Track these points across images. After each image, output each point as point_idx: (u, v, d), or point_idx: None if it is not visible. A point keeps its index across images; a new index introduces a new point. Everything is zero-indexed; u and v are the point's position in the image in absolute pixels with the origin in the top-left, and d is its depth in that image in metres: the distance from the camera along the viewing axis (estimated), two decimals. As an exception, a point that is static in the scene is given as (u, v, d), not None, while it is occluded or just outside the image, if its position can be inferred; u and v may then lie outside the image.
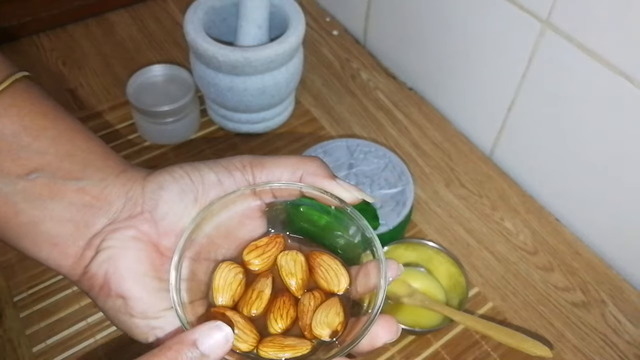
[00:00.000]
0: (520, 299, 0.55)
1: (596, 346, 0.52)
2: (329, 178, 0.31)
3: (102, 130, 0.66)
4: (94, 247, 0.29)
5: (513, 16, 0.56)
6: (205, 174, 0.31)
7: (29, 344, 0.50)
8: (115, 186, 0.30)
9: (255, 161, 0.32)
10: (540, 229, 0.60)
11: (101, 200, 0.30)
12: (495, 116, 0.64)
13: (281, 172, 0.31)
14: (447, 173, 0.65)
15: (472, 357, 0.51)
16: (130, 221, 0.29)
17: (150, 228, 0.29)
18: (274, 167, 0.31)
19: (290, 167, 0.31)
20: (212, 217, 0.30)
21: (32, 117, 0.30)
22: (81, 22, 0.80)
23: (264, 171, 0.31)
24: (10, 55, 0.81)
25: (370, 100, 0.72)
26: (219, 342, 0.25)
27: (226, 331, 0.25)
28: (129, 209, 0.30)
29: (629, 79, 0.49)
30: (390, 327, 0.28)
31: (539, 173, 0.63)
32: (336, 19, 0.84)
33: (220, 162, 0.31)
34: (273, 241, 0.32)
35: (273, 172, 0.31)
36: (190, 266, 0.29)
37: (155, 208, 0.29)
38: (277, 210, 0.32)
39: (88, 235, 0.29)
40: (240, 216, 0.32)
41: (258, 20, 0.60)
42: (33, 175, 0.29)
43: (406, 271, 0.54)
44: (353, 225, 0.31)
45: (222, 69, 0.58)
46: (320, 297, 0.30)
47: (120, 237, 0.29)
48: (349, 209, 0.30)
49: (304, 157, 0.32)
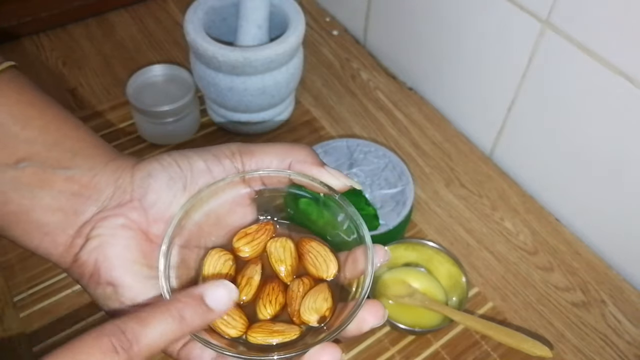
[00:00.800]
0: (520, 299, 0.55)
1: (596, 346, 0.52)
2: (318, 165, 0.31)
3: (102, 130, 0.66)
4: (83, 235, 0.29)
5: (513, 16, 0.56)
6: (194, 162, 0.31)
7: (29, 344, 0.50)
8: (104, 174, 0.30)
9: (245, 149, 0.32)
10: (540, 229, 0.60)
11: (90, 189, 0.30)
12: (495, 116, 0.64)
13: (270, 159, 0.31)
14: (447, 173, 0.65)
15: (472, 357, 0.51)
16: (119, 209, 0.29)
17: (139, 216, 0.29)
18: (263, 154, 0.31)
19: (279, 155, 0.31)
20: (201, 205, 0.30)
21: (20, 107, 0.30)
22: (81, 22, 0.80)
23: (253, 159, 0.31)
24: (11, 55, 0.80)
25: (370, 100, 0.72)
26: (223, 297, 0.26)
27: (230, 287, 0.26)
28: (118, 197, 0.30)
29: (629, 79, 0.49)
30: (377, 311, 0.28)
31: (539, 173, 0.63)
32: (336, 19, 0.84)
33: (210, 150, 0.32)
34: (263, 228, 0.32)
35: (262, 159, 0.31)
36: (179, 253, 0.30)
37: (144, 196, 0.30)
38: (267, 197, 0.33)
39: (78, 223, 0.29)
40: (229, 203, 0.32)
41: (258, 20, 0.60)
42: (22, 165, 0.29)
43: (406, 271, 0.54)
44: (342, 212, 0.31)
45: (222, 69, 0.58)
46: (309, 283, 0.30)
47: (110, 225, 0.29)
48: (337, 195, 0.31)
49: (293, 145, 0.32)
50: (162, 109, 0.61)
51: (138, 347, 0.23)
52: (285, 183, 0.32)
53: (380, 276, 0.53)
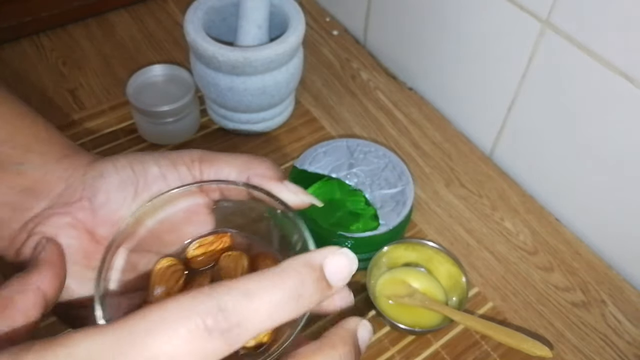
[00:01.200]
0: (520, 299, 0.55)
1: (596, 346, 0.52)
2: (277, 180, 0.30)
3: (102, 130, 0.66)
4: (27, 230, 0.29)
5: (513, 16, 0.56)
6: (149, 167, 0.30)
7: (29, 344, 0.50)
8: (56, 171, 0.30)
9: (205, 157, 0.31)
10: (540, 229, 0.60)
11: (41, 185, 0.29)
12: (495, 116, 0.64)
13: (229, 170, 0.31)
14: (447, 173, 0.65)
15: (472, 357, 0.51)
16: (67, 207, 0.29)
17: (86, 216, 0.29)
18: (223, 164, 0.31)
19: (239, 167, 0.31)
20: (154, 211, 0.29)
21: None
22: (81, 22, 0.80)
23: (212, 168, 0.31)
24: (11, 55, 0.80)
25: (370, 100, 0.72)
26: (345, 270, 0.22)
27: (351, 256, 0.22)
28: (68, 195, 0.29)
29: (629, 79, 0.49)
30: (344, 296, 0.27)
31: (539, 173, 0.63)
32: (336, 19, 0.84)
33: (169, 156, 0.31)
34: (218, 240, 0.31)
35: (221, 169, 0.31)
36: (128, 258, 0.29)
37: (94, 196, 0.29)
38: (226, 207, 0.32)
39: (24, 218, 0.29)
40: (185, 212, 0.31)
41: (258, 20, 0.60)
42: None
43: (406, 271, 0.54)
44: (295, 233, 0.29)
45: (222, 69, 0.58)
46: None
47: (54, 223, 0.29)
48: (292, 214, 0.29)
49: (254, 158, 0.31)
50: (162, 109, 0.61)
51: (238, 332, 0.19)
52: (244, 196, 0.31)
53: (380, 276, 0.53)
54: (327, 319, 0.47)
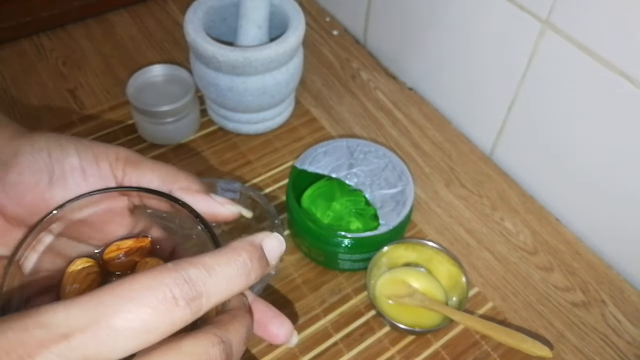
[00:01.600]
0: (520, 299, 0.55)
1: (596, 346, 0.52)
2: (202, 193, 0.30)
3: (102, 130, 0.66)
4: None
5: (513, 16, 0.56)
6: (69, 156, 0.28)
7: None
8: None
9: (132, 158, 0.30)
10: (540, 229, 0.60)
11: None
12: (495, 116, 0.64)
13: (152, 178, 0.29)
14: (447, 173, 0.65)
15: (472, 357, 0.51)
16: None
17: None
18: (147, 170, 0.30)
19: (162, 177, 0.30)
20: (72, 212, 0.28)
21: None
22: (81, 22, 0.80)
23: (135, 172, 0.29)
24: (11, 55, 0.80)
25: (370, 100, 0.72)
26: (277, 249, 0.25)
27: (280, 240, 0.25)
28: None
29: (629, 79, 0.49)
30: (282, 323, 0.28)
31: (539, 173, 0.63)
32: (336, 19, 0.84)
33: (93, 148, 0.29)
34: (137, 245, 0.30)
35: (144, 175, 0.30)
36: (40, 258, 0.27)
37: (6, 174, 0.28)
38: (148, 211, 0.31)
39: None
40: (105, 212, 0.30)
41: (258, 20, 0.60)
42: None
43: (406, 271, 0.54)
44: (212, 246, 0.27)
45: (222, 69, 0.58)
46: None
47: None
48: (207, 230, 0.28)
49: (180, 171, 0.31)
50: (162, 109, 0.61)
51: (202, 301, 0.21)
52: (165, 208, 0.30)
53: (380, 276, 0.53)
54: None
